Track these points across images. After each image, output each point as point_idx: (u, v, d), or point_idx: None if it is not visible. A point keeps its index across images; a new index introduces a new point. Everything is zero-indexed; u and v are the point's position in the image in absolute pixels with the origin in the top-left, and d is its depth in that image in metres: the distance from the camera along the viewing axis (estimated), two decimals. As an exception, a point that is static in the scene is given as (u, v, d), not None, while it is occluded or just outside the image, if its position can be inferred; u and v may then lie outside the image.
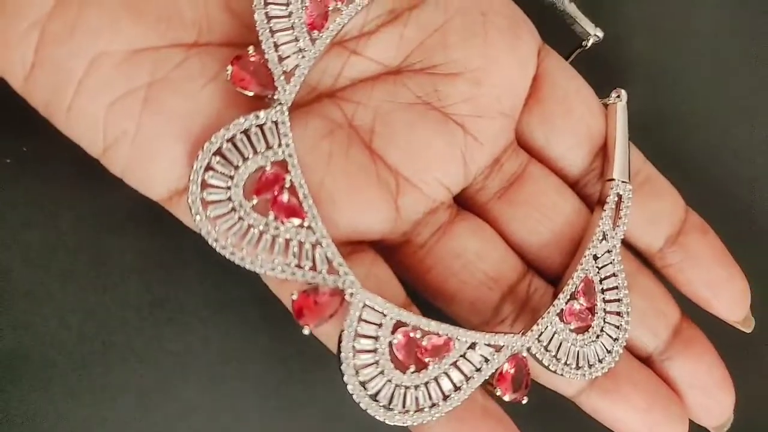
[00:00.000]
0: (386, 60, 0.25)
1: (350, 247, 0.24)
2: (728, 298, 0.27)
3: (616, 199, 0.26)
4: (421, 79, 0.25)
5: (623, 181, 0.26)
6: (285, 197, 0.22)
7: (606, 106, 0.28)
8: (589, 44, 0.29)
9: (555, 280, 0.26)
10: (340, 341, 0.22)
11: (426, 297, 0.25)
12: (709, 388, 0.26)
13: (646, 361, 0.27)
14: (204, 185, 0.21)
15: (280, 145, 0.22)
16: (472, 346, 0.23)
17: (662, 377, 0.26)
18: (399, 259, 0.25)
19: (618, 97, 0.27)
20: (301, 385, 0.27)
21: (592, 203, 0.27)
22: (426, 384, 0.23)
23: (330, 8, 0.23)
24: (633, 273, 0.26)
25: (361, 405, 0.22)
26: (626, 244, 0.27)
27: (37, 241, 0.27)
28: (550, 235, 0.26)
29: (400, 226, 0.25)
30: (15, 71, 0.22)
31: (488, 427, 0.24)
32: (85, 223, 0.27)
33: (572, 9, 0.28)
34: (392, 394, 0.22)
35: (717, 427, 0.27)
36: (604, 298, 0.25)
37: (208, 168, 0.21)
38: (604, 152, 0.27)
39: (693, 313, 0.27)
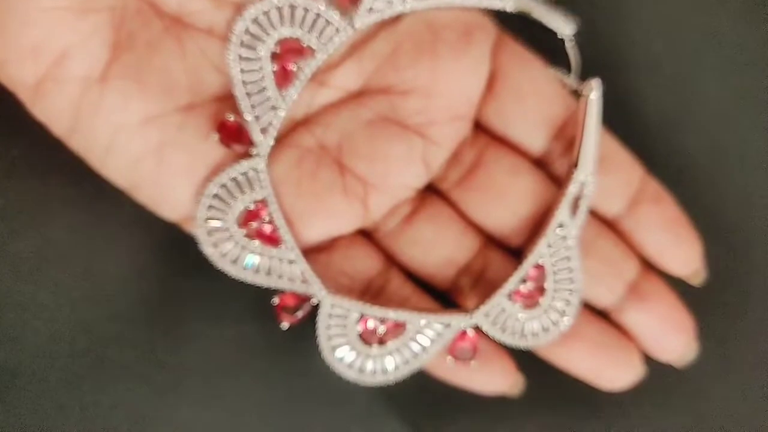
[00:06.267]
0: (349, 86, 0.30)
1: (327, 242, 0.30)
2: (677, 260, 0.30)
3: (578, 188, 0.29)
4: (380, 98, 0.29)
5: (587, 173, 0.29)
6: (266, 228, 0.28)
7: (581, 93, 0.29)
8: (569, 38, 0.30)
9: (519, 248, 0.31)
10: (317, 334, 0.29)
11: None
12: (664, 329, 0.30)
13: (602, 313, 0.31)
14: (206, 219, 0.28)
15: (261, 187, 0.28)
16: (427, 324, 0.29)
17: (618, 327, 0.30)
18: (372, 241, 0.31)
19: (591, 88, 0.28)
20: (301, 403, 0.27)
21: (562, 180, 0.30)
22: (390, 354, 0.30)
23: (293, 69, 0.28)
24: (593, 238, 0.30)
25: (337, 373, 0.30)
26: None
27: (27, 251, 0.26)
28: (505, 215, 0.30)
29: (369, 220, 0.30)
30: (61, 132, 0.27)
31: None
32: (77, 233, 0.26)
33: (539, 13, 0.30)
34: (361, 363, 0.30)
35: (677, 360, 0.30)
36: (555, 279, 0.29)
37: (209, 207, 0.28)
38: (576, 138, 0.29)
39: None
